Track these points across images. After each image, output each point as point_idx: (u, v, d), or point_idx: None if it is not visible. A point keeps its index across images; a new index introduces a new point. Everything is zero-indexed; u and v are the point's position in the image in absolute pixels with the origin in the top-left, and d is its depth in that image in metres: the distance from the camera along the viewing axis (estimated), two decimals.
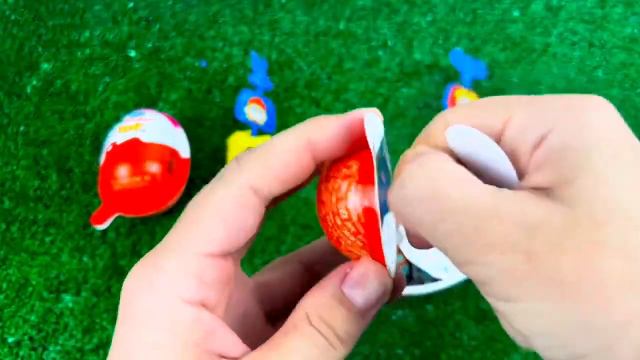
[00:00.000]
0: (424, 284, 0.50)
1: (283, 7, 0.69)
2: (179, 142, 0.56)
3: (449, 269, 0.49)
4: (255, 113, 0.57)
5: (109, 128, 0.58)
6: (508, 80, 0.64)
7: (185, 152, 0.56)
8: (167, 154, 0.54)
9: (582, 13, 0.68)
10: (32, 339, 0.53)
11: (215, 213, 0.18)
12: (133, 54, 0.66)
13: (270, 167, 0.18)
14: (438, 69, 0.65)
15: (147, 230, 0.56)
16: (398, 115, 0.62)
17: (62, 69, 0.65)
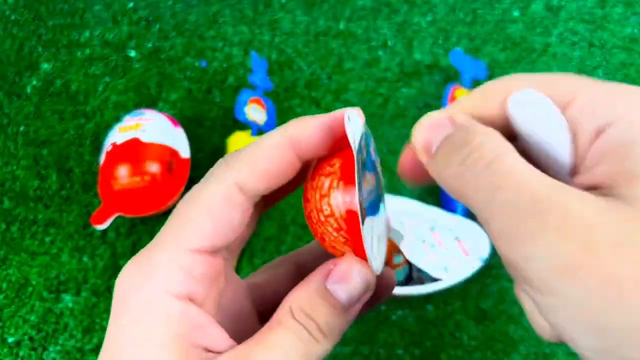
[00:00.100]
0: (424, 284, 0.50)
1: (283, 7, 0.69)
2: (179, 142, 0.56)
3: (449, 269, 0.49)
4: (255, 113, 0.57)
5: (109, 128, 0.58)
6: None
7: (185, 152, 0.56)
8: (167, 154, 0.54)
9: (582, 13, 0.68)
10: (32, 339, 0.53)
11: (204, 210, 0.18)
12: (133, 54, 0.66)
13: (256, 164, 0.18)
14: (438, 69, 0.65)
15: (147, 230, 0.56)
16: (398, 115, 0.62)
17: (62, 69, 0.65)
